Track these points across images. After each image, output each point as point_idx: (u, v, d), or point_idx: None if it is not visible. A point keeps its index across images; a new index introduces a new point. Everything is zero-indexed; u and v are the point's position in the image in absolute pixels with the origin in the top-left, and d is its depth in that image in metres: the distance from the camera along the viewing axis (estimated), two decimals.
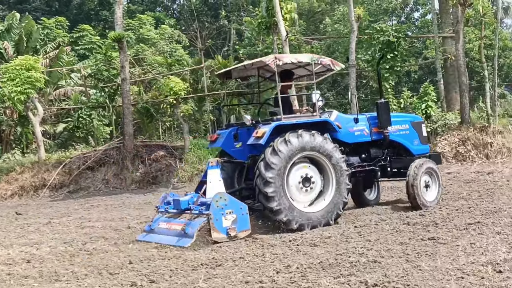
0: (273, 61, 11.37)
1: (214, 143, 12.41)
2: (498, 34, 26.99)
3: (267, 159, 10.73)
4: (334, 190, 11.32)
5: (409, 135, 13.26)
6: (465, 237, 8.91)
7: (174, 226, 10.72)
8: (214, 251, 9.48)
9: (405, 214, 11.58)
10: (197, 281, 7.58)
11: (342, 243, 9.34)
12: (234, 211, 10.37)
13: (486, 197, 12.81)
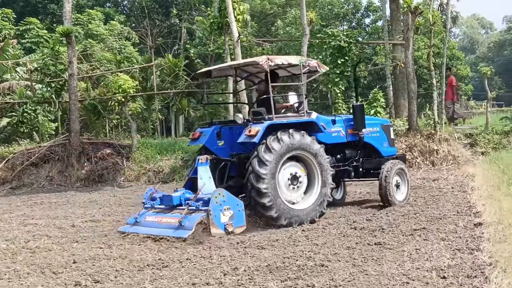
0: (266, 61, 11.88)
1: (196, 141, 12.86)
2: (446, 43, 27.52)
3: (260, 156, 11.19)
4: (320, 189, 11.93)
5: (379, 137, 14.04)
6: (411, 243, 9.06)
7: (166, 219, 11.08)
8: (160, 252, 9.44)
9: (352, 218, 11.73)
10: (143, 282, 7.54)
11: (289, 247, 9.39)
12: (231, 207, 10.73)
13: (432, 204, 13.01)
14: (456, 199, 13.44)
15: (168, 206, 11.51)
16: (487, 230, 9.35)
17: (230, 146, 12.67)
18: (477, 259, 7.66)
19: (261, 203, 11.15)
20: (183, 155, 24.21)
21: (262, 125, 11.52)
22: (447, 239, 9.11)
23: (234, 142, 12.59)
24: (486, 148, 22.71)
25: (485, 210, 10.96)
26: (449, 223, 10.49)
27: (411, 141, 22.12)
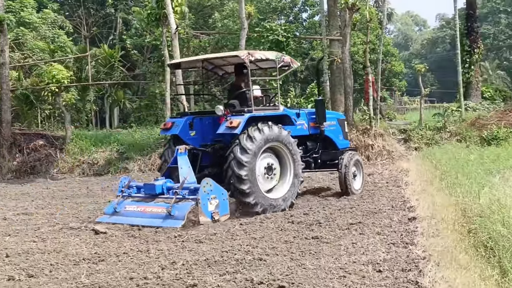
0: (247, 56, 12.48)
1: (168, 130, 13.12)
2: (382, 39, 28.02)
3: (242, 144, 11.74)
4: (292, 179, 12.59)
5: (336, 130, 14.80)
6: (347, 237, 9.21)
7: (151, 209, 11.30)
8: (96, 246, 9.32)
9: (290, 212, 11.82)
10: (79, 277, 7.44)
11: (227, 240, 9.41)
12: (217, 196, 11.10)
13: (367, 198, 13.25)
14: (390, 194, 13.72)
15: (149, 195, 11.68)
16: (420, 224, 9.57)
17: (201, 136, 13.14)
18: (411, 253, 7.84)
19: (241, 189, 11.60)
20: (119, 147, 23.98)
21: (243, 117, 12.00)
22: (383, 233, 9.29)
23: (204, 133, 13.17)
24: (419, 143, 23.26)
25: (418, 205, 11.21)
26: (384, 217, 10.69)
27: None
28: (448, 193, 11.64)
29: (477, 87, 31.57)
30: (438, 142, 22.95)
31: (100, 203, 14.48)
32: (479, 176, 12.62)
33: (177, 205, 10.99)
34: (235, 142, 11.85)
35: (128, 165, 23.03)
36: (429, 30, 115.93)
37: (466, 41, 31.17)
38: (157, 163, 22.89)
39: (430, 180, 14.11)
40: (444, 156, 17.59)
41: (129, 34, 40.98)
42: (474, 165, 15.12)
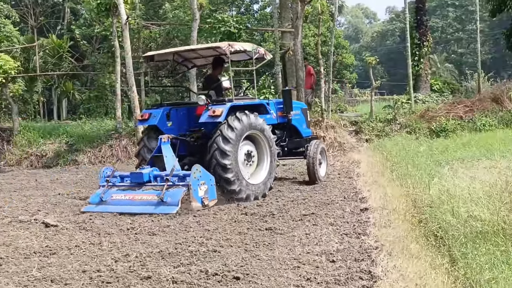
0: (228, 47, 12.98)
1: (146, 121, 13.48)
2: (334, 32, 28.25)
3: (224, 134, 12.23)
4: (269, 165, 13.23)
5: (300, 119, 15.42)
6: (301, 228, 9.30)
7: (140, 196, 11.61)
8: (47, 239, 9.22)
9: (243, 204, 11.86)
10: (30, 270, 7.37)
11: (181, 232, 9.42)
12: (206, 182, 11.49)
13: (319, 190, 13.38)
14: (342, 185, 13.89)
15: (135, 183, 11.97)
16: (372, 215, 9.72)
17: (177, 127, 13.59)
18: (364, 243, 7.97)
19: (225, 178, 12.09)
20: (68, 139, 23.70)
21: (225, 106, 12.53)
22: (335, 224, 9.41)
23: (180, 123, 13.68)
24: (370, 135, 23.54)
25: (370, 196, 11.38)
26: (336, 208, 10.83)
27: None
28: (399, 184, 11.83)
29: (426, 79, 32.09)
30: (388, 134, 23.27)
31: (50, 195, 14.32)
32: (428, 167, 12.87)
33: (168, 191, 11.30)
34: (216, 133, 12.30)
35: (77, 157, 22.77)
36: (379, 23, 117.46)
37: (416, 34, 31.64)
38: (107, 155, 22.83)
39: (381, 171, 14.32)
40: (394, 148, 17.86)
41: (78, 24, 40.38)
42: (423, 156, 15.40)
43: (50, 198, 13.80)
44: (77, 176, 19.02)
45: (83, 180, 17.71)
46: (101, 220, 10.67)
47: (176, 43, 38.39)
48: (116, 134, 23.66)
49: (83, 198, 13.65)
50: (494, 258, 6.37)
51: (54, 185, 16.67)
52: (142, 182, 11.87)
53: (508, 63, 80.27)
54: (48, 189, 15.89)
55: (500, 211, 7.59)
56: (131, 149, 23.04)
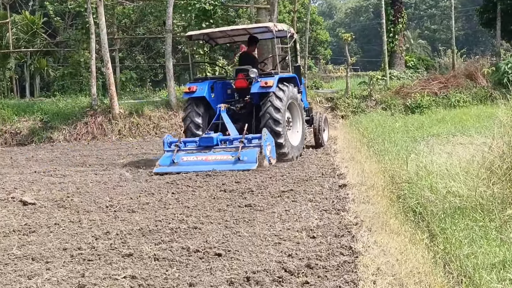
0: (274, 27, 15.11)
1: (194, 93, 14.75)
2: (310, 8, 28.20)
3: (275, 104, 14.03)
4: (302, 129, 15.32)
5: (303, 92, 17.06)
6: (280, 204, 9.31)
7: (215, 157, 13.44)
8: (25, 217, 9.15)
9: (221, 181, 11.85)
10: (11, 248, 7.31)
11: (160, 210, 9.39)
12: (270, 143, 13.52)
13: (297, 166, 13.38)
14: (320, 162, 13.91)
15: (203, 146, 13.68)
16: (351, 191, 9.75)
17: (217, 98, 15.11)
18: (343, 219, 8.00)
19: (278, 143, 13.93)
20: (43, 116, 23.49)
21: (274, 78, 14.30)
22: (314, 200, 9.43)
23: (219, 95, 15.23)
24: (346, 111, 23.66)
25: (348, 172, 11.42)
26: (315, 185, 10.84)
27: None
28: (376, 160, 11.92)
29: (401, 56, 32.20)
30: (364, 110, 23.42)
31: (26, 173, 14.21)
32: (405, 144, 12.96)
33: (243, 151, 13.18)
34: (267, 103, 14.10)
35: (52, 134, 22.65)
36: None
37: (391, 11, 31.68)
38: (83, 132, 22.71)
39: (358, 147, 14.40)
40: (370, 124, 17.98)
41: (50, 0, 39.84)
42: (399, 132, 15.53)
43: (27, 176, 13.68)
44: (53, 153, 18.88)
45: (59, 158, 17.59)
46: (79, 198, 10.62)
47: (150, 19, 38.16)
48: (91, 111, 23.55)
49: (59, 176, 13.60)
50: (473, 233, 6.45)
51: (29, 163, 16.54)
52: (212, 145, 13.60)
53: (481, 39, 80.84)
54: (23, 167, 15.76)
55: (478, 187, 7.67)
56: (106, 126, 22.95)
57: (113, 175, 13.37)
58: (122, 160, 16.10)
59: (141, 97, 29.23)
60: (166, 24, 24.31)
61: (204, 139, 13.72)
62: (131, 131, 23.04)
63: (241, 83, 15.09)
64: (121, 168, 14.51)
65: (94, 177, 13.30)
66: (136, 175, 13.38)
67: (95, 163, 15.92)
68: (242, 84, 15.06)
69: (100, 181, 12.57)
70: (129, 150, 18.89)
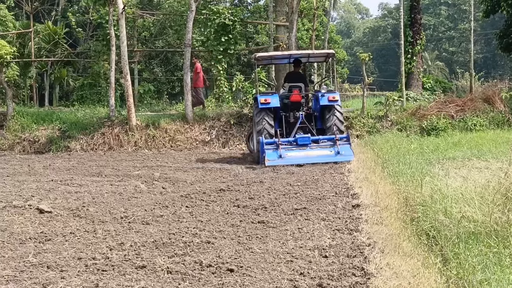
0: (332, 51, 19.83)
1: (269, 104, 17.57)
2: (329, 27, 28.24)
3: (339, 117, 17.98)
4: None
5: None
6: (293, 222, 9.32)
7: (315, 153, 16.84)
8: (42, 225, 9.23)
9: (235, 197, 11.87)
10: (27, 256, 7.39)
11: (174, 223, 9.44)
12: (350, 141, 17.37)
13: (311, 184, 13.33)
14: (334, 181, 13.85)
15: (300, 145, 16.82)
16: (364, 211, 9.71)
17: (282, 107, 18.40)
18: (356, 239, 7.99)
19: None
20: (61, 125, 23.67)
21: (337, 93, 18.36)
22: (327, 219, 9.41)
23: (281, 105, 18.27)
24: (361, 131, 23.58)
25: (362, 192, 11.37)
26: (328, 203, 10.82)
27: None
28: (390, 181, 11.86)
29: (418, 77, 32.04)
30: (379, 131, 23.32)
31: (43, 181, 14.28)
32: (420, 166, 12.90)
33: (340, 148, 16.60)
34: (333, 117, 17.87)
35: (70, 143, 22.78)
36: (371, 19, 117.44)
37: (409, 32, 31.61)
38: (100, 143, 22.84)
39: (373, 168, 14.33)
40: (385, 145, 17.90)
41: (73, 11, 40.22)
42: (414, 154, 15.43)
43: (43, 184, 13.77)
44: (70, 162, 18.98)
45: (76, 167, 17.68)
46: (94, 208, 10.70)
47: (169, 32, 38.43)
48: (108, 122, 23.66)
49: (75, 185, 13.67)
50: (487, 259, 6.41)
51: (47, 171, 16.64)
52: (308, 143, 16.84)
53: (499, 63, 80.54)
54: (41, 175, 15.85)
55: (492, 212, 7.63)
56: (123, 137, 23.06)
57: (128, 187, 13.44)
58: (138, 172, 16.14)
59: (158, 109, 29.33)
60: (186, 39, 24.44)
61: (302, 139, 16.90)
62: (147, 143, 23.12)
63: (296, 98, 18.54)
64: (136, 180, 14.57)
65: (110, 187, 13.37)
66: (151, 187, 13.44)
67: (111, 173, 15.98)
68: (297, 98, 18.54)
69: (115, 192, 12.65)
70: (144, 162, 18.94)
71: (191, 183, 13.97)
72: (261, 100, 17.84)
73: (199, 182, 14.24)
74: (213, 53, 27.57)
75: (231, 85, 27.66)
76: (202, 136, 23.65)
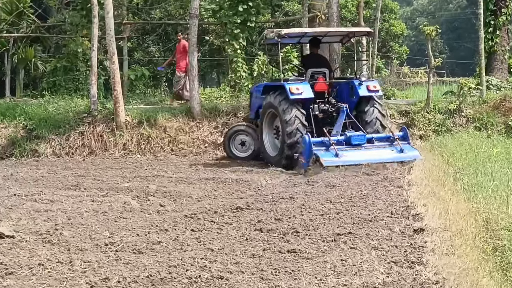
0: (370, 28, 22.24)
1: (301, 94, 18.55)
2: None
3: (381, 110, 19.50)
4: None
5: None
6: (334, 252, 9.29)
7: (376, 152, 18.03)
8: (2, 254, 9.25)
9: (256, 217, 11.85)
10: None
11: (176, 252, 9.45)
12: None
13: (358, 201, 13.25)
14: (389, 196, 13.76)
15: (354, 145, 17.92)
16: (430, 238, 9.65)
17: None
18: (419, 275, 7.93)
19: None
20: (26, 122, 23.77)
21: (377, 82, 19.96)
22: (380, 248, 9.37)
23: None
24: (426, 130, 23.48)
25: (427, 212, 11.30)
26: (381, 227, 10.77)
27: None
28: (465, 197, 11.80)
29: (503, 58, 31.60)
30: (450, 130, 23.22)
31: (3, 196, 14.35)
32: (506, 177, 12.80)
33: (401, 147, 17.86)
34: (374, 109, 19.18)
35: (38, 146, 22.89)
36: None
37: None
38: (77, 145, 22.94)
39: (441, 180, 14.27)
40: (458, 149, 17.84)
41: None
42: (498, 162, 15.34)
43: (3, 200, 13.83)
44: (38, 171, 19.07)
45: (46, 178, 17.76)
46: (70, 232, 10.74)
47: None
48: (89, 118, 23.72)
49: (45, 201, 13.74)
50: None
51: (7, 183, 16.71)
52: (362, 143, 17.96)
53: None
54: (0, 187, 15.94)
55: None
56: (108, 138, 23.14)
57: (115, 203, 13.49)
58: (127, 184, 16.20)
59: (154, 101, 29.30)
60: (191, 7, 24.42)
61: (356, 137, 18.00)
62: (139, 146, 23.18)
63: (322, 86, 19.63)
64: (125, 195, 14.62)
65: (91, 204, 13.42)
66: (145, 205, 13.48)
67: (92, 186, 16.05)
68: (323, 87, 19.67)
69: (98, 211, 12.68)
70: (136, 170, 19.01)
71: (198, 199, 14.00)
72: (291, 89, 18.38)
73: (209, 197, 14.27)
74: (228, 26, 27.61)
75: (251, 69, 27.65)
76: (213, 136, 23.68)
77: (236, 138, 21.33)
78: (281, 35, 19.42)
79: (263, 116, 20.03)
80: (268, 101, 19.43)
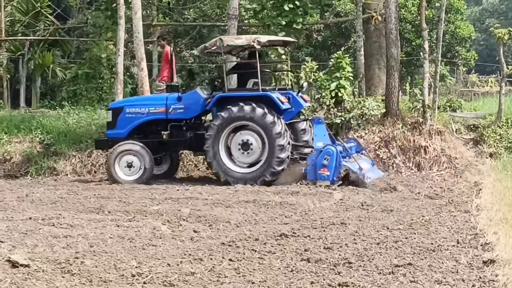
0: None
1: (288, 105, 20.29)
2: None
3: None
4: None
5: None
6: (392, 286, 9.27)
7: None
8: (14, 285, 9.30)
9: (303, 246, 11.83)
10: None
11: (212, 284, 9.46)
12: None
13: (419, 228, 13.23)
14: (455, 223, 13.72)
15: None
16: (502, 270, 9.61)
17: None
18: None
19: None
20: (44, 136, 23.94)
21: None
22: (445, 282, 9.33)
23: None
24: (497, 147, 23.33)
25: (498, 241, 11.24)
26: (446, 257, 10.73)
27: (388, 132, 22.49)
28: None
29: None
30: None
31: (17, 220, 14.44)
32: None
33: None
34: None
35: (57, 163, 23.04)
36: None
37: None
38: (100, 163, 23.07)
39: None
40: None
41: None
42: None
43: (18, 224, 13.92)
44: (56, 192, 19.15)
45: (65, 199, 17.80)
46: (92, 261, 10.76)
47: None
48: None
49: (64, 226, 13.80)
50: None
51: (22, 205, 16.82)
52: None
53: None
54: (14, 210, 16.03)
55: None
56: None
57: (143, 229, 13.53)
58: (157, 207, 16.24)
59: None
60: (230, 7, 24.52)
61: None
62: None
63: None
64: (154, 219, 14.66)
65: (116, 230, 13.48)
66: (177, 230, 13.50)
67: (117, 209, 16.08)
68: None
69: (123, 237, 12.73)
70: (167, 191, 19.03)
71: (237, 225, 14.01)
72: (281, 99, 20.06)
73: (249, 223, 14.27)
74: (271, 28, 27.63)
75: (297, 77, 27.66)
76: None
77: (122, 159, 20.84)
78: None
79: (221, 131, 20.28)
80: (235, 114, 19.98)
